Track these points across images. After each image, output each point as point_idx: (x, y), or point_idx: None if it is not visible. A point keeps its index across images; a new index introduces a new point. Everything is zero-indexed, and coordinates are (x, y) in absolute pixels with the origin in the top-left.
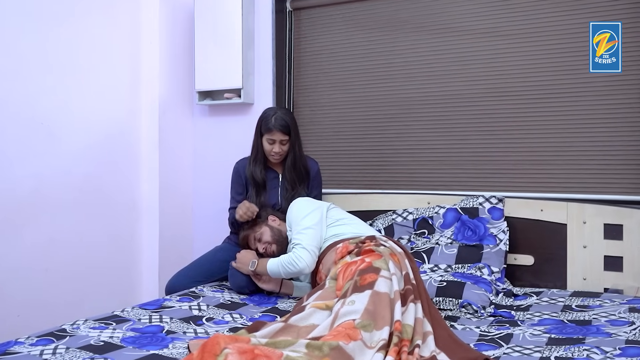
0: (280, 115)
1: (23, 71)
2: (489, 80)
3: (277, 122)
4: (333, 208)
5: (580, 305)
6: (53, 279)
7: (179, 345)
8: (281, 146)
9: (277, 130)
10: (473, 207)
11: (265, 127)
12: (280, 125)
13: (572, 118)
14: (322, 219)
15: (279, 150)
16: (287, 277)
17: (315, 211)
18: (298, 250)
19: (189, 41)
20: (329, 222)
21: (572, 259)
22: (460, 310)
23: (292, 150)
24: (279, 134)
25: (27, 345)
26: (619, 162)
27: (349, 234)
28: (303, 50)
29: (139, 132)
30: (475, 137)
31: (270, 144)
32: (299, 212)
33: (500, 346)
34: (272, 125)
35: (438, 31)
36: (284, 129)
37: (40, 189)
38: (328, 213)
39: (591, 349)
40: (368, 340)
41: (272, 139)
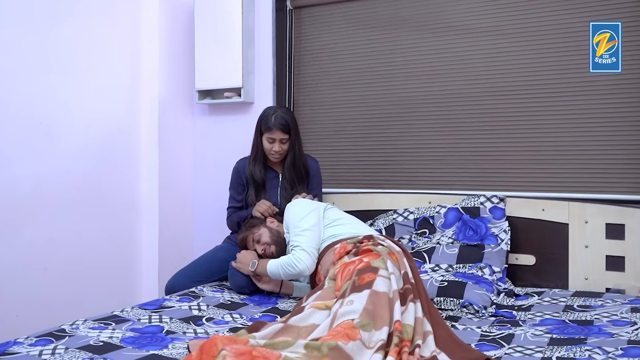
0: (280, 114)
1: (22, 70)
2: (491, 79)
3: (277, 120)
4: (330, 208)
5: (582, 306)
6: (52, 278)
7: (178, 345)
8: (281, 145)
9: (277, 129)
10: (474, 206)
11: (265, 126)
12: (280, 124)
13: (574, 117)
14: (320, 220)
15: (278, 149)
16: (287, 278)
17: (313, 212)
18: (297, 252)
19: (188, 40)
20: (326, 223)
21: (574, 258)
22: (461, 311)
23: (292, 150)
24: (279, 133)
25: (26, 345)
26: (621, 161)
27: (346, 234)
28: (303, 49)
29: (139, 131)
30: (477, 136)
31: (270, 142)
32: (296, 214)
33: (501, 346)
34: (272, 124)
35: (439, 30)
36: (284, 127)
37: (40, 189)
38: (325, 214)
39: (593, 350)
40: (367, 340)
41: (272, 138)
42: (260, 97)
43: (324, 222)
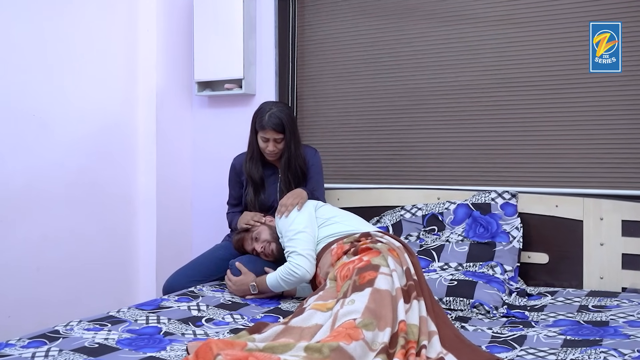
0: (274, 112)
1: (15, 60)
2: (502, 70)
3: (271, 120)
4: (322, 206)
5: (597, 306)
6: (45, 277)
7: (177, 347)
8: (276, 144)
9: (270, 128)
10: (485, 202)
11: (259, 125)
12: (274, 123)
13: (589, 109)
14: (312, 220)
15: (273, 149)
16: (290, 288)
17: (303, 213)
18: (294, 258)
19: (187, 29)
20: (319, 223)
21: (589, 257)
22: (471, 311)
23: (288, 149)
24: (273, 132)
25: (18, 347)
26: (638, 155)
27: (343, 233)
28: (307, 39)
29: (136, 124)
30: (488, 129)
31: (264, 142)
32: (285, 218)
33: (513, 348)
34: (265, 124)
35: (448, 19)
36: (277, 127)
37: (32, 183)
38: (317, 213)
39: (608, 351)
40: (370, 340)
41: (265, 137)
42: (262, 89)
43: (318, 221)
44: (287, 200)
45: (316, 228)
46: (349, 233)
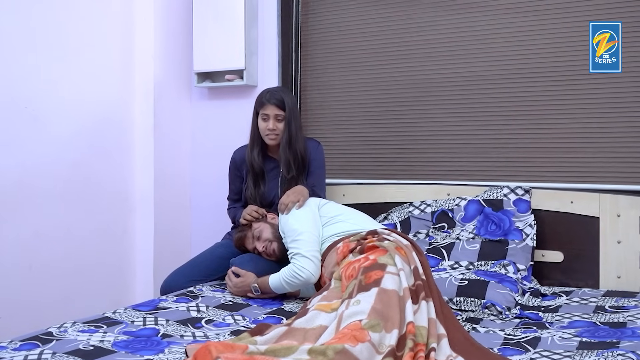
0: (275, 90)
1: (4, 49)
2: (515, 60)
3: (272, 96)
4: (325, 204)
5: (614, 306)
6: (38, 276)
7: (175, 349)
8: (276, 123)
9: (270, 104)
10: (497, 198)
11: (259, 102)
12: (275, 98)
13: (606, 101)
14: (316, 219)
15: (273, 127)
16: (294, 290)
17: (306, 212)
18: (298, 260)
19: (186, 17)
20: (324, 222)
21: (605, 255)
22: (483, 312)
23: (288, 129)
24: (273, 108)
25: (10, 350)
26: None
27: (348, 232)
28: (311, 28)
29: (133, 117)
30: (500, 122)
31: (264, 120)
32: (288, 217)
33: (526, 351)
34: (266, 99)
35: (459, 7)
36: (278, 102)
37: (24, 179)
38: (321, 211)
39: (626, 354)
40: (377, 342)
41: (266, 114)
42: (264, 80)
43: (322, 220)
44: (287, 198)
45: (320, 227)
46: (355, 232)
